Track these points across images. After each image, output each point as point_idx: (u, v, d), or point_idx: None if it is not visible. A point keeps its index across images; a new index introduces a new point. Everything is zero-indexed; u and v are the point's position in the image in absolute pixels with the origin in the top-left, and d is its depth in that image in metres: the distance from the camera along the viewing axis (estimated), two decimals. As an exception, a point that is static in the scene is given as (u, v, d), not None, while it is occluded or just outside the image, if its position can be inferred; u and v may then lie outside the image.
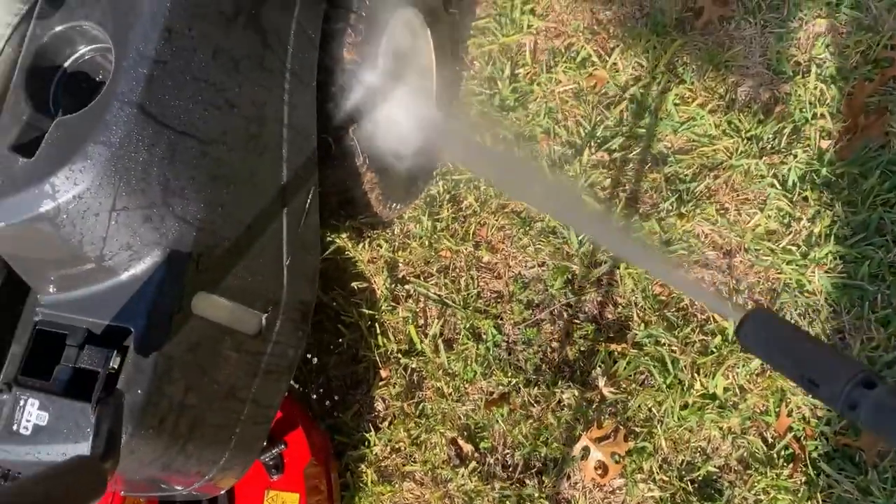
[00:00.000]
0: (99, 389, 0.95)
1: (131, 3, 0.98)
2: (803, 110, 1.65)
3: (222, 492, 1.35)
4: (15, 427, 1.03)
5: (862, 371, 0.62)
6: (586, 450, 1.57)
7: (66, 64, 1.04)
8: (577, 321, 1.66)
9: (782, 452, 1.49)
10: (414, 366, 1.71)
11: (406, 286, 1.79)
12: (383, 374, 1.73)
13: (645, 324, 1.61)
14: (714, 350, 1.55)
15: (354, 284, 1.82)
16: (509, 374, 1.65)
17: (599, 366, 1.62)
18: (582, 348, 1.65)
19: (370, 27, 1.42)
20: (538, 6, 1.95)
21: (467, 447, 1.66)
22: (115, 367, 0.98)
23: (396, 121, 1.69)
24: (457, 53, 1.91)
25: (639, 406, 1.57)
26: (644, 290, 1.63)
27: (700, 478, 1.52)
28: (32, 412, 1.03)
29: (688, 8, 1.83)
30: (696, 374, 1.54)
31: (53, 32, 1.00)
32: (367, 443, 1.70)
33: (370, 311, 1.78)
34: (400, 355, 1.72)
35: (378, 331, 1.76)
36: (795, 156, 1.62)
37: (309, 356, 1.76)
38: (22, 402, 1.04)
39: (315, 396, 1.76)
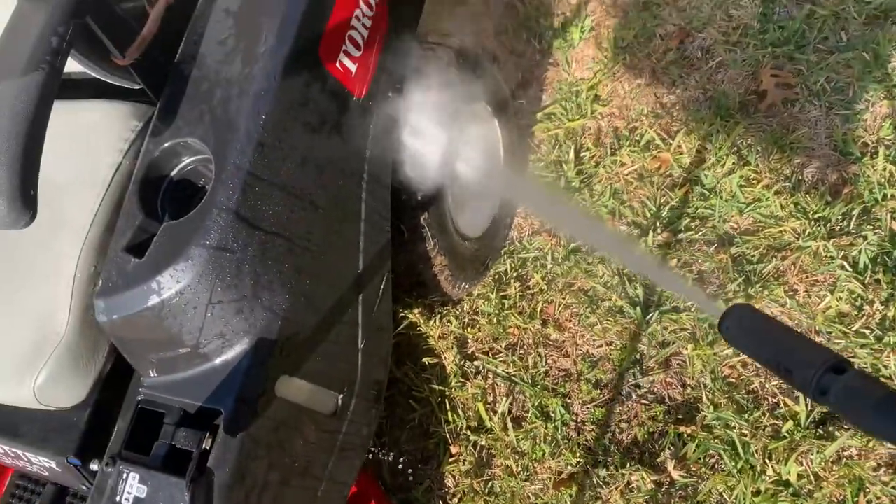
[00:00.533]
0: (193, 468, 1.04)
1: (230, 122, 1.11)
2: (872, 191, 1.65)
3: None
4: (118, 499, 1.14)
5: (833, 357, 0.62)
6: (656, 534, 1.56)
7: (172, 173, 1.18)
8: (645, 402, 1.67)
9: (864, 545, 1.44)
10: (483, 443, 1.75)
11: (475, 362, 1.85)
12: (453, 450, 1.78)
13: (714, 406, 1.60)
14: (786, 435, 1.52)
15: (426, 360, 1.89)
16: (578, 454, 1.67)
17: (668, 448, 1.62)
18: (651, 430, 1.65)
19: (441, 122, 1.53)
20: (602, 92, 2.03)
21: (535, 527, 1.67)
22: (207, 447, 1.07)
23: (465, 206, 1.78)
24: (524, 138, 2.01)
25: (709, 491, 1.55)
26: (713, 371, 1.63)
27: (776, 569, 1.48)
28: (133, 485, 1.13)
29: (751, 91, 1.87)
30: (767, 460, 1.52)
31: (163, 147, 1.15)
32: (436, 518, 1.74)
33: (440, 387, 1.84)
34: (469, 432, 1.77)
35: (448, 406, 1.82)
36: (866, 237, 1.60)
37: (382, 431, 1.82)
38: (125, 476, 1.14)
39: (387, 471, 1.82)
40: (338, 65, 1.25)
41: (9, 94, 0.92)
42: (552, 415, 1.73)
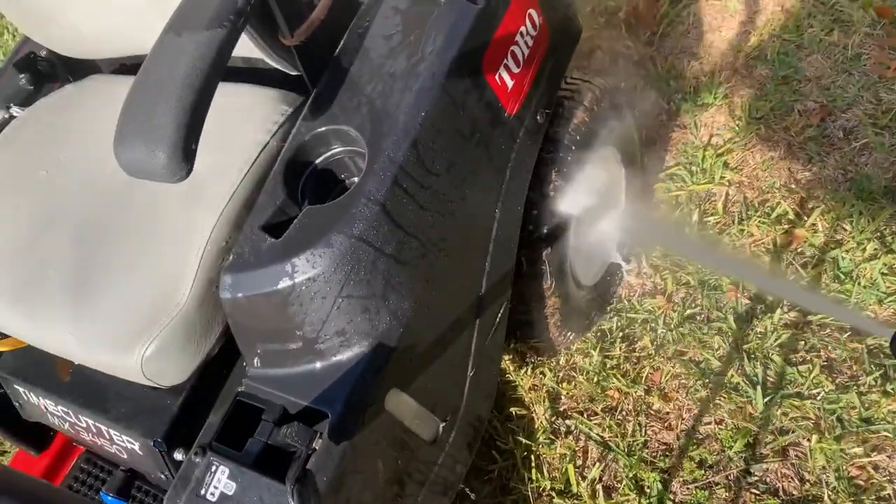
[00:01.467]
0: (299, 469, 0.96)
1: (388, 115, 1.08)
2: None
3: None
4: (203, 491, 1.06)
5: None
6: None
7: (318, 160, 1.15)
8: (755, 491, 1.51)
9: None
10: (567, 508, 1.61)
11: (567, 421, 1.73)
12: (533, 510, 1.64)
13: (838, 509, 1.44)
14: (925, 555, 1.34)
15: (513, 409, 1.77)
16: (673, 537, 1.52)
17: (780, 548, 1.45)
18: (760, 523, 1.49)
19: (576, 159, 1.47)
20: (731, 159, 1.95)
21: None
22: (316, 447, 0.99)
23: (582, 251, 1.71)
24: (646, 195, 1.93)
25: None
26: (838, 469, 1.47)
27: None
28: (222, 479, 1.06)
29: (899, 177, 1.76)
30: (901, 580, 1.34)
31: (316, 132, 1.12)
32: (506, 583, 1.59)
33: (527, 441, 1.72)
34: (553, 494, 1.63)
35: (533, 463, 1.69)
36: None
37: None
38: (213, 468, 1.07)
39: (461, 523, 1.69)
40: (497, 77, 1.21)
41: (191, 46, 0.91)
42: (647, 490, 1.59)
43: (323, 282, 1.02)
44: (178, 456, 1.21)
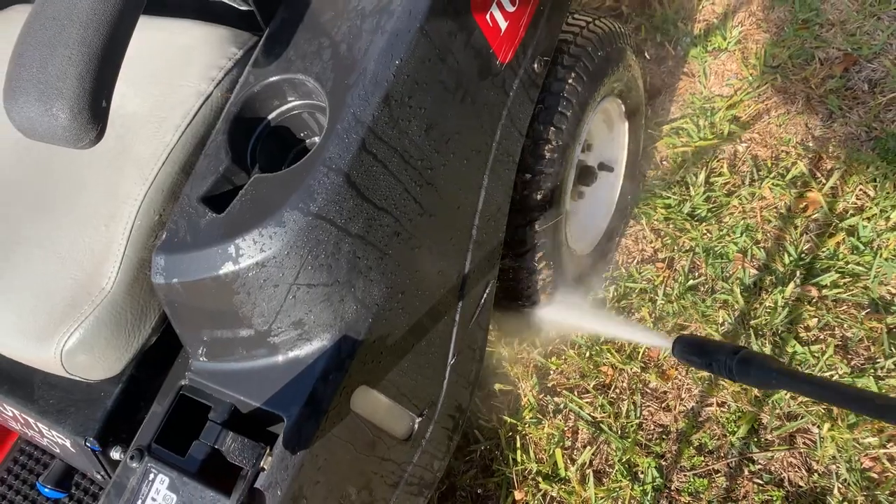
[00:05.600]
0: (245, 492, 0.81)
1: (354, 62, 0.89)
2: None
3: None
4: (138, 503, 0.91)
5: (741, 349, 0.87)
6: None
7: (271, 116, 0.96)
8: (759, 481, 1.39)
9: None
10: (554, 494, 1.49)
11: (556, 399, 1.59)
12: (518, 495, 1.52)
13: (848, 503, 1.32)
14: (942, 557, 1.24)
15: (497, 386, 1.64)
16: (668, 528, 1.40)
17: (783, 543, 1.34)
18: (762, 515, 1.38)
19: (574, 116, 1.28)
20: (743, 113, 1.77)
21: None
22: (264, 466, 0.84)
23: (578, 214, 1.54)
24: (647, 151, 1.76)
25: None
26: (850, 460, 1.35)
27: None
28: (161, 490, 0.91)
29: (930, 137, 1.59)
30: (915, 584, 1.24)
31: (267, 82, 0.92)
32: (487, 572, 1.48)
33: (512, 420, 1.59)
34: (540, 478, 1.51)
35: (518, 444, 1.56)
36: None
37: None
38: (151, 476, 0.91)
39: (438, 506, 1.57)
40: (488, 17, 1.01)
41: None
42: (641, 476, 1.47)
43: (274, 267, 0.84)
44: (114, 455, 1.05)
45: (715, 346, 0.93)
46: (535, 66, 1.14)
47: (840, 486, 1.34)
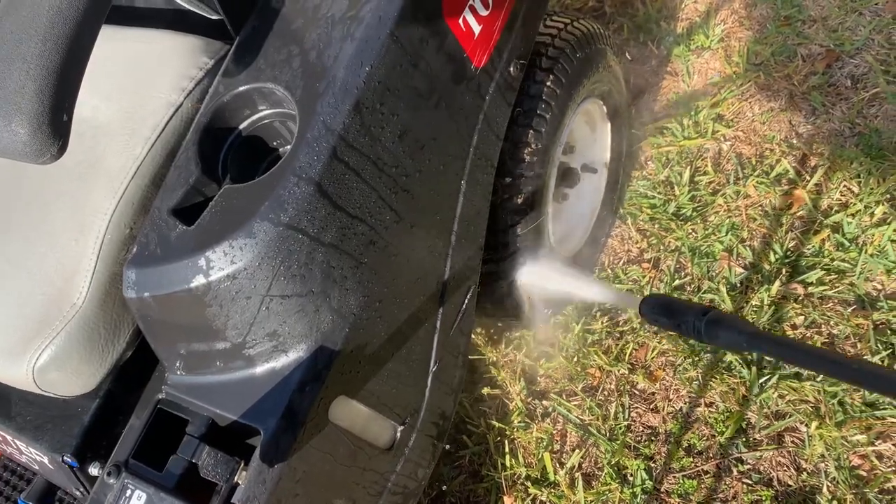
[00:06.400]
0: (219, 506, 0.80)
1: (324, 70, 0.88)
2: None
3: None
4: (115, 521, 0.90)
5: (710, 309, 0.84)
6: None
7: (242, 126, 0.95)
8: (748, 481, 1.39)
9: None
10: (544, 498, 1.49)
11: (544, 402, 1.59)
12: (507, 500, 1.51)
13: (837, 502, 1.32)
14: (932, 554, 1.23)
15: (485, 390, 1.63)
16: (658, 530, 1.40)
17: (773, 542, 1.33)
18: (751, 516, 1.37)
19: (554, 118, 1.27)
20: (727, 111, 1.77)
21: None
22: (239, 482, 0.83)
23: (561, 217, 1.53)
24: (631, 151, 1.75)
25: None
26: (839, 458, 1.35)
27: None
28: (137, 507, 0.90)
29: (912, 132, 1.59)
30: (905, 582, 1.23)
31: (236, 92, 0.91)
32: (477, 578, 1.47)
33: (500, 424, 1.58)
34: (529, 483, 1.50)
35: (507, 449, 1.55)
36: None
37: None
38: (129, 492, 0.90)
39: (428, 514, 1.56)
40: (461, 22, 1.00)
41: (53, -14, 0.69)
42: (630, 478, 1.46)
43: (245, 279, 0.83)
44: (93, 471, 1.04)
45: (683, 305, 0.89)
46: (512, 69, 1.13)
47: (829, 484, 1.34)
